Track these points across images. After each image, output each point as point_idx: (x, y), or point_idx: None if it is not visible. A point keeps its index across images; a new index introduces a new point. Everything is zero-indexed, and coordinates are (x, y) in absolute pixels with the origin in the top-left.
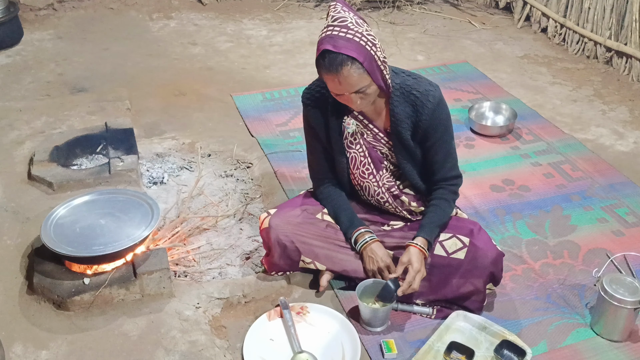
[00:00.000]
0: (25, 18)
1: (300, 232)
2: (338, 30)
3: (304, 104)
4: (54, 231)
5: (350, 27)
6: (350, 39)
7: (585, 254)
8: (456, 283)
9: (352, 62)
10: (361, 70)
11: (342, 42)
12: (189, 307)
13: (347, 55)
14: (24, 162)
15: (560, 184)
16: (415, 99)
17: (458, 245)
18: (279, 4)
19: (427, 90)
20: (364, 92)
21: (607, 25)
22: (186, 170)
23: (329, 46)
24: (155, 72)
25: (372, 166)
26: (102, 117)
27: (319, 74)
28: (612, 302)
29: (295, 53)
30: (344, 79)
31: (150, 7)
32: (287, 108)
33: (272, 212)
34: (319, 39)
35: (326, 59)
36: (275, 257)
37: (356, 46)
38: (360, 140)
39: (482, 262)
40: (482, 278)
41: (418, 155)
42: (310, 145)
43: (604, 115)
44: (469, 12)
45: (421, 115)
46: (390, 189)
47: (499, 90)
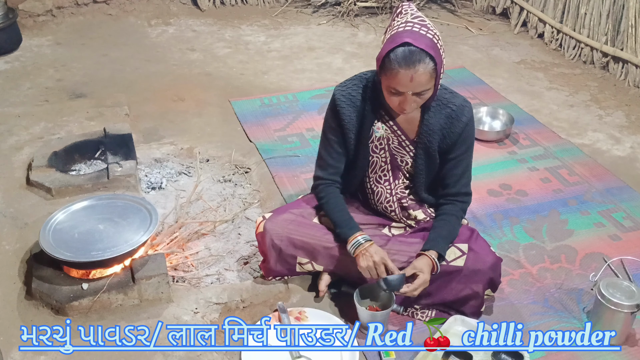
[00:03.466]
0: (24, 24)
1: (296, 233)
2: (419, 27)
3: (337, 101)
4: (52, 236)
5: (429, 27)
6: (430, 38)
7: (582, 259)
8: (455, 288)
9: (429, 60)
10: (433, 71)
11: (423, 38)
12: (187, 312)
13: (426, 52)
14: (22, 167)
15: (557, 188)
16: (451, 112)
17: (457, 254)
18: (277, 10)
19: (463, 105)
20: (422, 96)
21: (604, 30)
22: (184, 176)
23: (409, 39)
24: (153, 77)
25: (390, 173)
26: (100, 123)
27: (383, 70)
28: (609, 306)
29: (294, 59)
30: (417, 76)
31: (148, 14)
32: (285, 113)
33: (268, 216)
34: (395, 32)
35: (403, 52)
36: (272, 262)
37: (434, 46)
38: (385, 146)
39: (481, 268)
40: (480, 283)
41: (436, 168)
42: (327, 143)
43: (600, 120)
44: (465, 18)
45: (454, 128)
46: (401, 199)
47: (496, 96)
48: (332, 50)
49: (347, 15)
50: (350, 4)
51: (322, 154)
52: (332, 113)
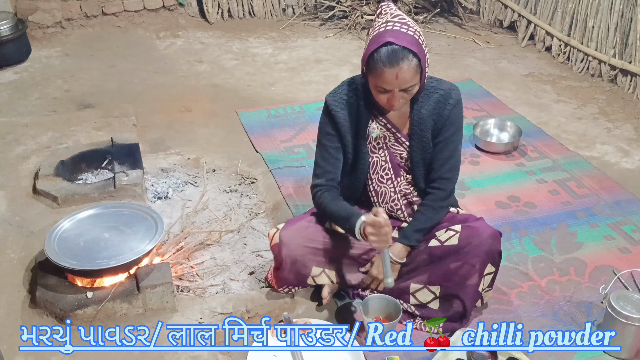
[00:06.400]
0: (34, 35)
1: (310, 241)
2: (399, 25)
3: (329, 108)
4: (57, 244)
5: (409, 25)
6: (412, 35)
7: (591, 271)
8: (452, 266)
9: (412, 57)
10: (417, 66)
11: (404, 36)
12: (192, 322)
13: (409, 49)
14: (29, 176)
15: (566, 200)
16: (439, 97)
17: (450, 234)
18: (285, 23)
19: (450, 88)
20: (409, 91)
21: (612, 43)
22: (191, 186)
23: (391, 38)
24: (161, 88)
25: (391, 171)
26: (108, 133)
27: (369, 70)
28: (619, 319)
29: (300, 71)
30: (402, 73)
31: (157, 26)
32: (292, 124)
33: (281, 227)
34: (377, 33)
35: (387, 51)
36: (285, 271)
37: (416, 43)
38: (383, 145)
39: (477, 241)
40: (477, 257)
41: (430, 155)
42: (324, 149)
43: (609, 133)
44: (473, 31)
45: (443, 111)
46: (406, 194)
47: (503, 108)
48: (339, 63)
49: (354, 28)
50: (357, 17)
51: (319, 161)
52: (327, 119)
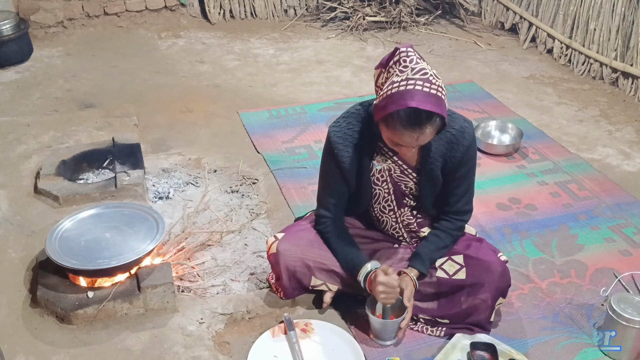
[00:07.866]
0: (36, 35)
1: (310, 254)
2: (421, 84)
3: (333, 143)
4: (59, 244)
5: (432, 82)
6: (434, 94)
7: (592, 274)
8: (465, 304)
9: (435, 118)
10: (438, 124)
11: (428, 98)
12: (193, 322)
13: (432, 112)
14: (30, 176)
15: (567, 203)
16: (452, 137)
17: (455, 267)
18: (286, 24)
19: (463, 127)
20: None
21: (613, 46)
22: (192, 186)
23: (414, 103)
24: (163, 89)
25: (394, 203)
26: (109, 133)
27: (386, 124)
28: (620, 321)
29: (302, 72)
30: (423, 136)
31: (159, 26)
32: (293, 125)
33: (280, 237)
34: (397, 91)
35: (408, 114)
36: (285, 281)
37: (439, 102)
38: (387, 177)
39: (488, 279)
40: (489, 293)
41: (440, 188)
42: (327, 184)
43: (610, 136)
44: (474, 33)
45: (455, 152)
46: (409, 225)
47: (505, 110)
48: (340, 64)
49: (355, 30)
50: (359, 18)
51: (322, 194)
52: (329, 155)
